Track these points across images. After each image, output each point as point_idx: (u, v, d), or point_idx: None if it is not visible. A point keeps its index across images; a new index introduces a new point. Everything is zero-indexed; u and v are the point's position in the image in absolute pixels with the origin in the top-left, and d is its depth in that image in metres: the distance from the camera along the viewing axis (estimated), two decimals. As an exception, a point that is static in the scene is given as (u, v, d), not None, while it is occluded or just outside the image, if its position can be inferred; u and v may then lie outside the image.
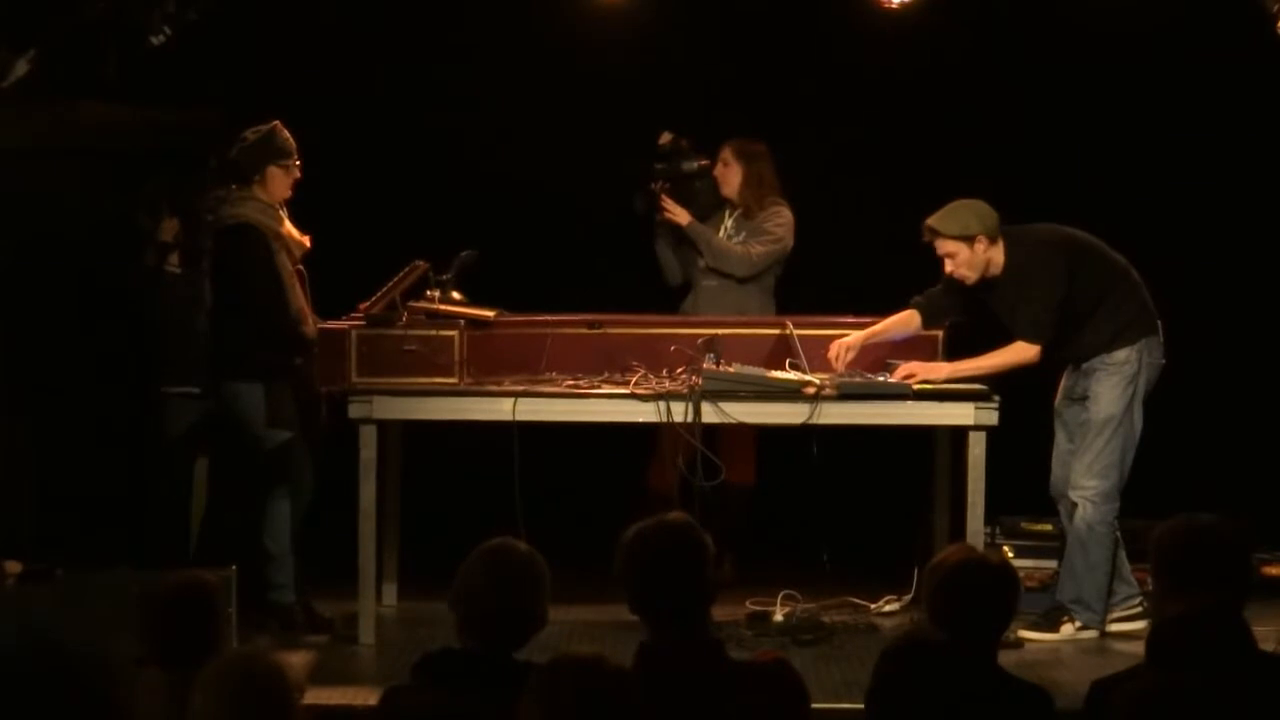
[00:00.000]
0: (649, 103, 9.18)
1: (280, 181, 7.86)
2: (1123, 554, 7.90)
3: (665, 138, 8.91)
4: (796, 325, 8.08)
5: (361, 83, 9.35)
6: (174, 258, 8.54)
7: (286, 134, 7.86)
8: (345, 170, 8.93)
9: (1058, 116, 9.45)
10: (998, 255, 7.83)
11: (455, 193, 9.37)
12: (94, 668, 3.10)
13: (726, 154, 8.89)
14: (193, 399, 8.40)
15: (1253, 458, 9.20)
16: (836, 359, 7.88)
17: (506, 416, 7.54)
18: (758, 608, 8.08)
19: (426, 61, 9.42)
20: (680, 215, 8.86)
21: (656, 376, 7.77)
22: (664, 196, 8.86)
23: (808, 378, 7.64)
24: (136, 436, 8.71)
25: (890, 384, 7.68)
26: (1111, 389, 7.82)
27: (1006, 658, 4.98)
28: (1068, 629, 7.81)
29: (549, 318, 8.21)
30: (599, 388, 7.73)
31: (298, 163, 7.88)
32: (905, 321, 8.05)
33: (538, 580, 4.64)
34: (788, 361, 7.87)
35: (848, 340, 7.93)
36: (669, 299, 8.99)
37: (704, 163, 8.90)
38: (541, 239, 9.36)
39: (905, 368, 7.76)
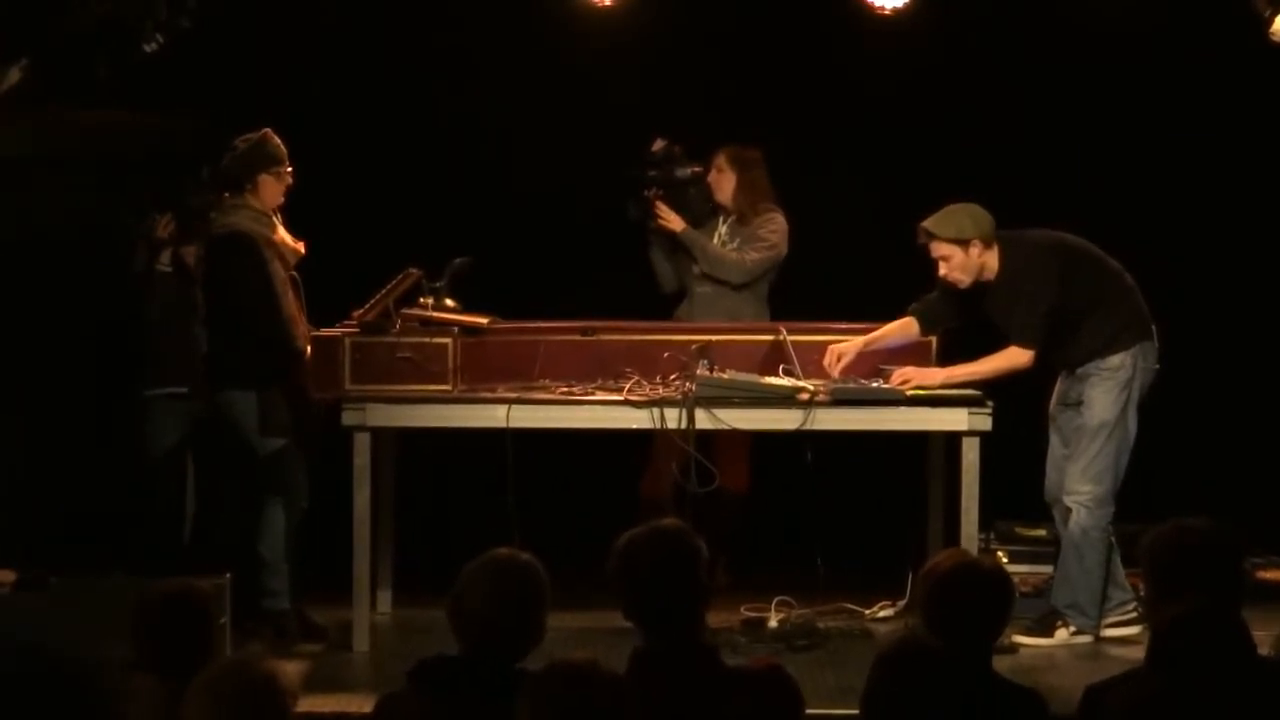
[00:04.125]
0: (642, 109, 9.18)
1: (272, 189, 7.85)
2: (1117, 559, 7.90)
3: (658, 144, 8.90)
4: (790, 331, 8.08)
5: (355, 89, 9.34)
6: (165, 256, 8.53)
7: (277, 141, 7.86)
8: (339, 177, 8.93)
9: (1053, 120, 9.44)
10: (992, 260, 7.83)
11: (448, 200, 9.37)
12: (87, 676, 3.10)
13: (720, 160, 8.89)
14: (180, 400, 8.39)
15: (1247, 462, 9.21)
16: (831, 365, 7.88)
17: (500, 424, 7.54)
18: (752, 614, 8.09)
19: (420, 68, 9.42)
20: (674, 222, 8.85)
21: (650, 383, 7.77)
22: (658, 203, 8.86)
23: (801, 384, 7.64)
24: (130, 443, 8.70)
25: (884, 389, 7.68)
26: (1105, 394, 7.82)
27: (1001, 663, 4.98)
28: (1062, 634, 7.81)
29: (542, 325, 8.21)
30: (592, 395, 7.73)
31: (289, 169, 7.88)
32: (903, 329, 8.05)
33: (539, 595, 4.62)
34: (781, 368, 7.88)
35: (842, 346, 7.92)
36: (662, 306, 8.99)
37: (697, 169, 8.89)
38: (535, 246, 9.35)
39: (899, 373, 7.76)
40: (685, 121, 9.08)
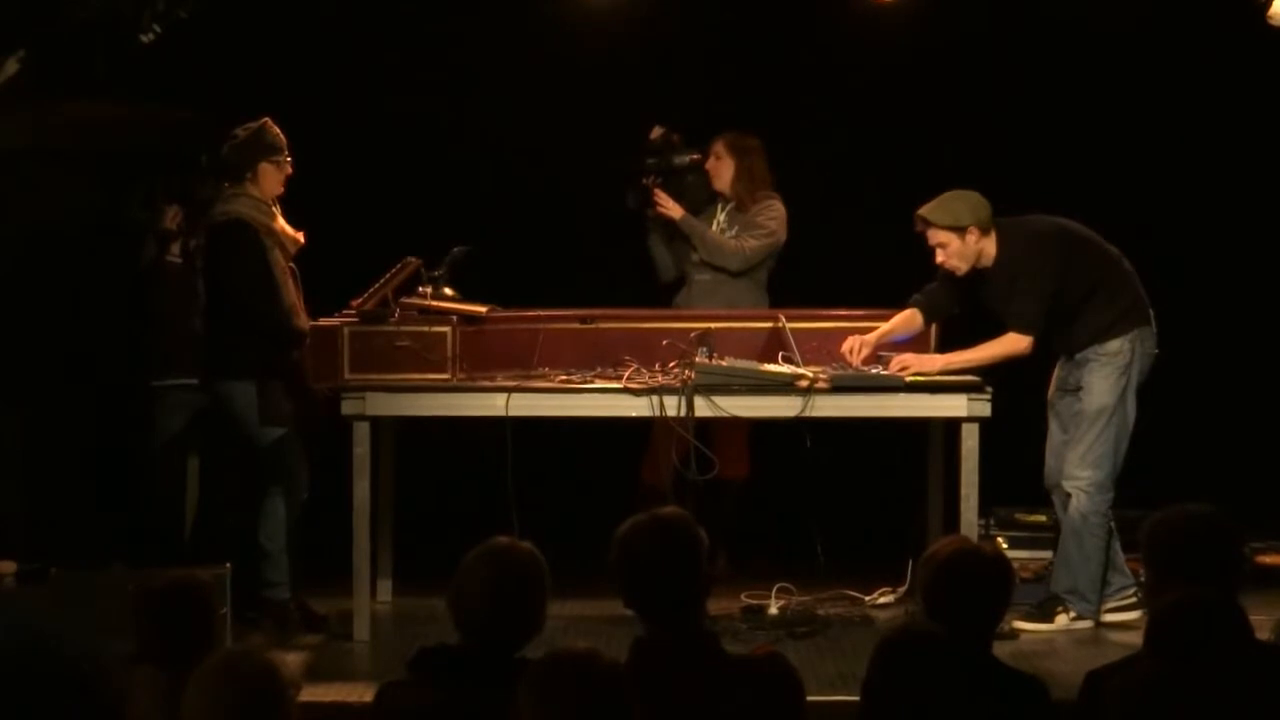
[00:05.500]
0: (640, 97, 9.17)
1: (272, 177, 7.85)
2: (1117, 544, 7.90)
3: (656, 132, 8.89)
4: (789, 318, 8.08)
5: (353, 79, 9.33)
6: (175, 247, 8.54)
7: (277, 130, 7.85)
8: (337, 167, 8.92)
9: (1052, 106, 9.44)
10: (990, 246, 7.83)
11: (447, 189, 9.36)
12: (89, 667, 3.11)
13: (719, 148, 8.88)
14: (189, 392, 8.40)
15: (1246, 447, 9.21)
16: (852, 352, 7.87)
17: (499, 412, 7.54)
18: (753, 601, 8.09)
19: (418, 58, 9.41)
20: (673, 210, 8.85)
21: (649, 371, 7.78)
22: (657, 191, 8.85)
23: (801, 371, 7.64)
24: (132, 434, 8.71)
25: (883, 376, 7.69)
26: (1104, 380, 7.82)
27: (1001, 649, 4.98)
28: (1062, 619, 7.81)
29: (541, 313, 8.21)
30: (591, 383, 7.73)
31: (289, 158, 7.87)
32: (907, 321, 8.04)
33: (539, 584, 4.61)
34: (780, 355, 7.88)
35: (864, 337, 7.91)
36: (661, 294, 8.98)
37: (695, 157, 8.88)
38: (533, 235, 9.36)
39: (898, 360, 7.77)
40: (684, 109, 9.08)
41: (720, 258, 8.80)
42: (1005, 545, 8.08)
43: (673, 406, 7.49)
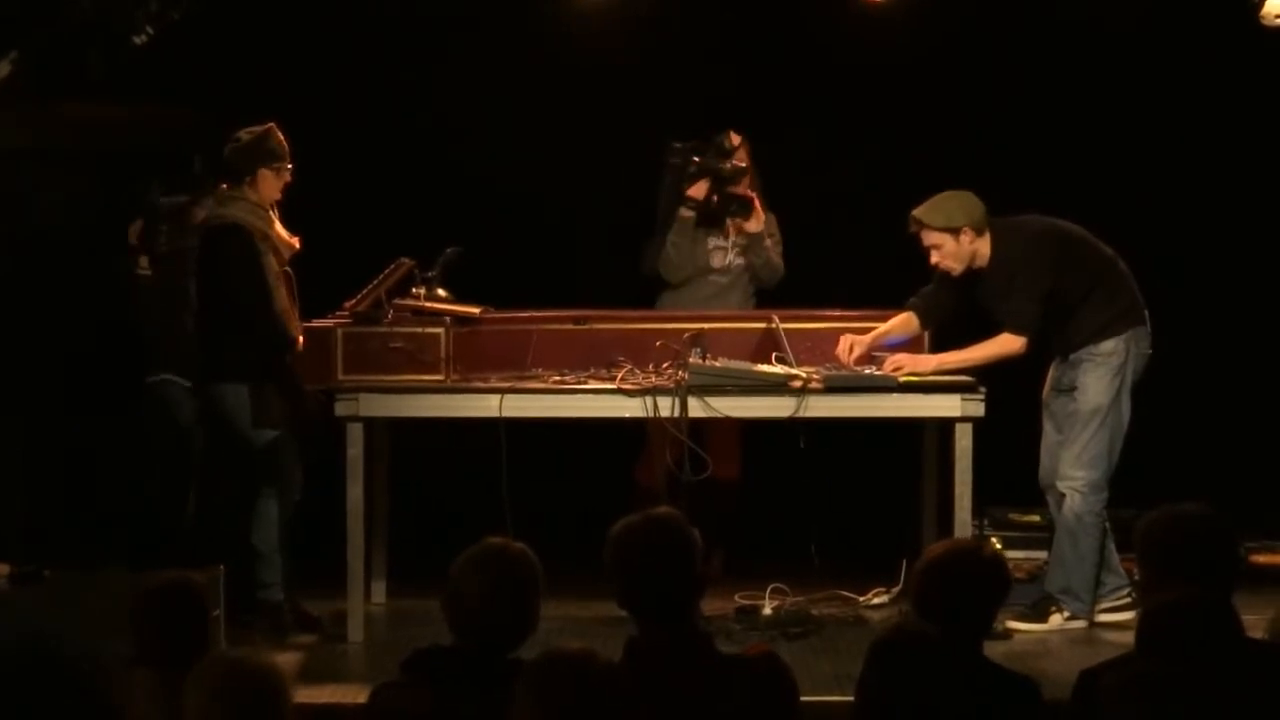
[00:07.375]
0: (636, 99, 9.17)
1: (271, 184, 7.84)
2: (1111, 544, 7.91)
3: (736, 139, 8.75)
4: (782, 319, 8.09)
5: (347, 81, 9.33)
6: (143, 260, 8.55)
7: (281, 137, 7.85)
8: (331, 168, 8.91)
9: (1046, 106, 9.44)
10: (984, 247, 7.83)
11: (440, 190, 9.36)
12: (87, 668, 3.11)
13: (742, 153, 8.81)
14: (183, 395, 8.40)
15: (1241, 447, 9.22)
16: (845, 352, 7.87)
17: (493, 413, 7.54)
18: (746, 601, 8.09)
19: (412, 60, 9.41)
20: (759, 221, 8.78)
21: (643, 371, 7.78)
22: (756, 201, 8.76)
23: (794, 371, 7.64)
24: (127, 436, 8.71)
25: (876, 376, 7.69)
26: (1099, 380, 7.82)
27: (995, 649, 4.99)
28: (1056, 619, 7.82)
29: (535, 314, 8.22)
30: (585, 383, 7.73)
31: (290, 166, 7.87)
32: (904, 324, 8.03)
33: (532, 584, 4.61)
34: (774, 355, 7.88)
35: (856, 337, 7.91)
36: (655, 295, 8.95)
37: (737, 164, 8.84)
38: (526, 236, 9.35)
39: (892, 360, 7.78)
40: (681, 111, 9.08)
41: (770, 273, 8.78)
42: (999, 545, 8.08)
43: (666, 407, 7.49)
